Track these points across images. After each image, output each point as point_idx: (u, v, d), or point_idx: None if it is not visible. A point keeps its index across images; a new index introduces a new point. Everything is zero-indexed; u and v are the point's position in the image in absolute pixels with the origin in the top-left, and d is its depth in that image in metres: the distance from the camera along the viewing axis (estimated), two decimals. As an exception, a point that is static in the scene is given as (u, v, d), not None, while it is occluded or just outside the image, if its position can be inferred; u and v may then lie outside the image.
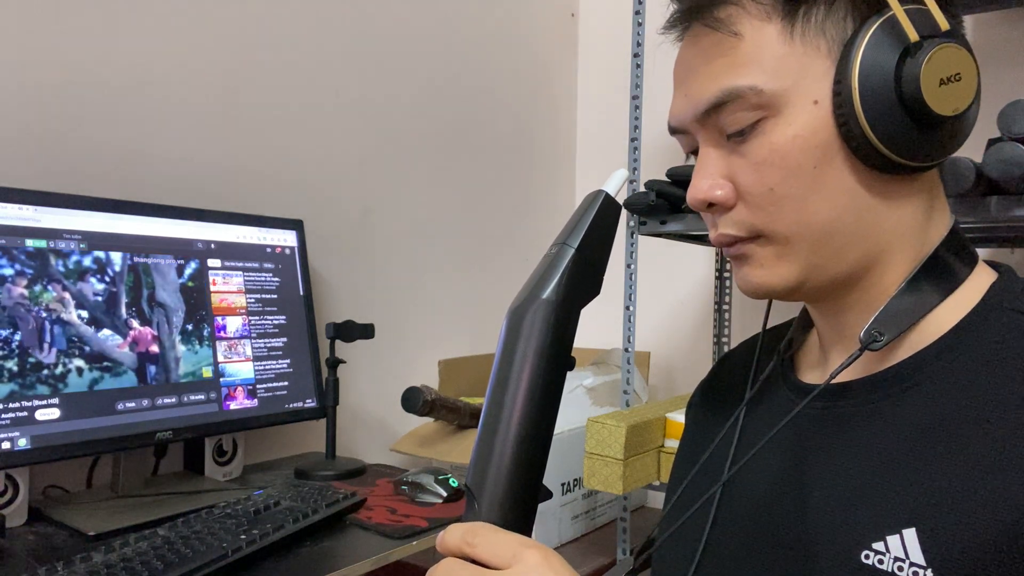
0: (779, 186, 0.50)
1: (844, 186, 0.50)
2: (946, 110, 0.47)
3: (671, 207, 1.39)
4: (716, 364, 0.73)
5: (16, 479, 0.94)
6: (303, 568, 0.84)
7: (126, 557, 0.76)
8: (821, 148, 0.49)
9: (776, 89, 0.49)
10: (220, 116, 1.28)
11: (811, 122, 0.49)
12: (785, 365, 0.61)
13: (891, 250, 0.51)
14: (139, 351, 1.02)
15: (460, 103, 1.76)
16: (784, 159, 0.49)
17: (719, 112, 0.51)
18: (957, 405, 0.46)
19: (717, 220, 0.54)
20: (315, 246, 1.38)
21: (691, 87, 0.53)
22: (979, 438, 0.44)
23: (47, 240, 0.96)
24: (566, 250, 0.48)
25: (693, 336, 1.85)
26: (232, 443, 1.19)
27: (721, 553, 0.55)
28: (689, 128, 0.54)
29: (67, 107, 1.09)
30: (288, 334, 1.23)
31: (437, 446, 1.38)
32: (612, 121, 2.01)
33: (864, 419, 0.50)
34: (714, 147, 0.53)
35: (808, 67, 0.49)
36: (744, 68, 0.50)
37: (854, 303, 0.53)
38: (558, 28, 2.06)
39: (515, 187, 1.93)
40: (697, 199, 0.53)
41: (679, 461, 0.70)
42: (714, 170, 0.53)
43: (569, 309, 0.47)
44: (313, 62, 1.42)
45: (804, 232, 0.50)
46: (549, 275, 0.47)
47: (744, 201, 0.52)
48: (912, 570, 0.43)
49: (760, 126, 0.50)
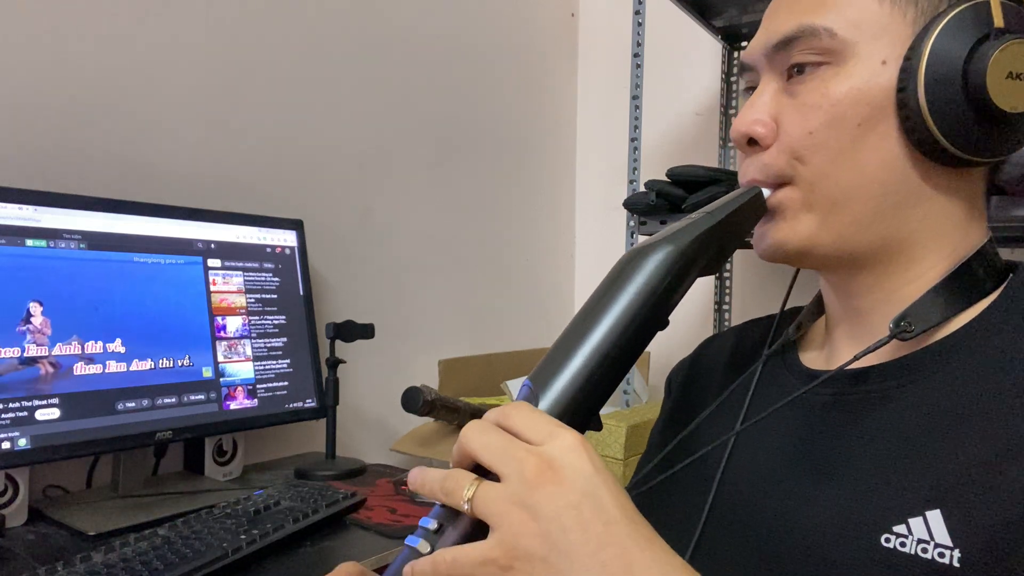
0: (818, 132, 0.50)
1: (882, 156, 0.49)
2: (1005, 104, 0.46)
3: (671, 207, 1.39)
4: (700, 346, 0.72)
5: (16, 479, 0.94)
6: (303, 568, 0.84)
7: (126, 557, 0.76)
8: (872, 108, 0.49)
9: (849, 39, 0.49)
10: (220, 116, 1.28)
11: (872, 80, 0.49)
12: (788, 349, 0.61)
13: (921, 244, 0.51)
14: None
15: (460, 103, 1.76)
16: (833, 106, 0.49)
17: (789, 48, 0.51)
18: (977, 391, 0.46)
19: (749, 164, 0.54)
20: (315, 246, 1.38)
21: (774, 21, 0.53)
22: (1001, 421, 0.44)
23: (47, 240, 0.96)
24: (707, 219, 0.48)
25: (693, 336, 1.85)
26: (232, 443, 1.19)
27: (719, 542, 0.54)
28: (757, 63, 0.54)
29: (67, 107, 1.09)
30: (288, 334, 1.23)
31: (437, 446, 1.38)
32: (612, 121, 2.01)
33: (880, 404, 0.50)
34: (772, 84, 0.53)
35: (889, 28, 0.49)
36: (828, 10, 0.50)
37: (872, 287, 0.53)
38: (558, 28, 2.06)
39: (515, 187, 1.93)
40: (739, 131, 0.53)
41: (660, 439, 0.68)
42: (763, 106, 0.53)
43: (689, 267, 0.47)
44: (313, 62, 1.42)
45: (828, 186, 0.50)
46: (684, 232, 0.47)
47: (779, 143, 0.52)
48: (938, 551, 0.42)
49: (821, 71, 0.50)
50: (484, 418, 0.42)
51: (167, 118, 1.21)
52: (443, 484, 0.40)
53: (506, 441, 0.40)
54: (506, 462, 0.39)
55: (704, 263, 0.48)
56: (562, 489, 0.38)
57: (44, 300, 0.94)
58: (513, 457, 0.39)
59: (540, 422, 0.40)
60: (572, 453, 0.39)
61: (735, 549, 0.52)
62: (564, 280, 2.12)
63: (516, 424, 0.41)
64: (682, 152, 1.85)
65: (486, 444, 0.40)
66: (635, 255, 0.47)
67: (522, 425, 0.40)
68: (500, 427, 0.41)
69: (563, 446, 0.39)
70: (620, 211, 1.52)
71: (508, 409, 0.42)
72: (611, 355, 0.44)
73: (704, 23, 1.68)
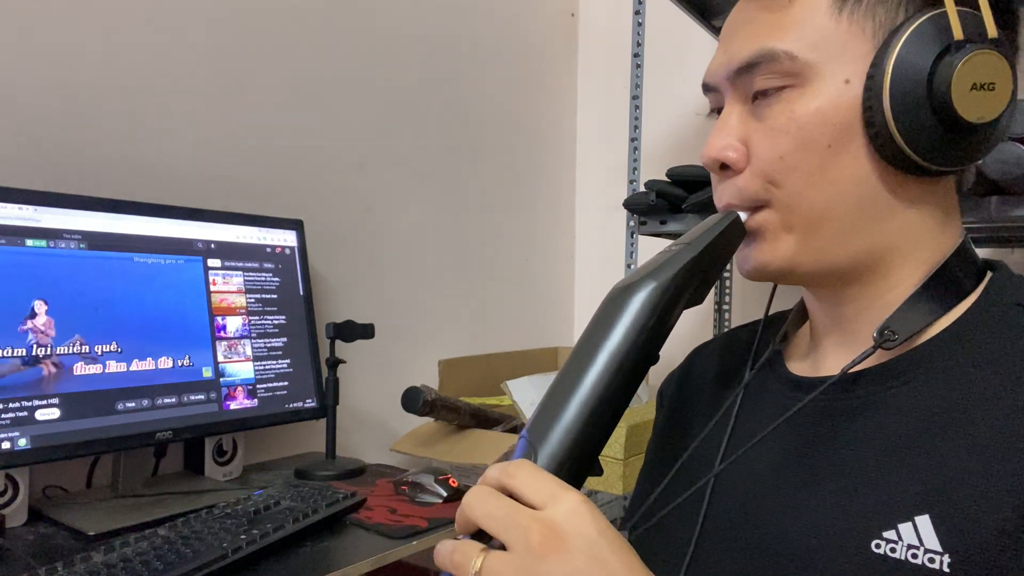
0: (789, 156, 0.50)
1: (855, 173, 0.49)
2: (971, 116, 0.46)
3: (671, 207, 1.39)
4: (689, 356, 0.72)
5: (16, 479, 0.94)
6: (303, 568, 0.84)
7: (126, 557, 0.76)
8: (840, 128, 0.49)
9: (810, 60, 0.49)
10: (220, 116, 1.28)
11: (837, 100, 0.49)
12: (775, 357, 0.61)
13: (899, 251, 0.51)
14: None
15: (460, 103, 1.76)
16: (801, 130, 0.49)
17: (751, 72, 0.51)
18: (963, 393, 0.46)
19: (724, 188, 0.54)
20: (315, 246, 1.38)
21: (732, 44, 0.53)
22: (987, 423, 0.44)
23: (47, 240, 0.96)
24: (687, 251, 0.49)
25: (693, 336, 1.85)
26: (232, 443, 1.19)
27: (712, 552, 0.54)
28: (720, 85, 0.54)
29: (67, 107, 1.09)
30: (288, 334, 1.23)
31: (437, 446, 1.38)
32: (612, 121, 2.01)
33: (868, 410, 0.50)
34: (738, 108, 0.53)
35: (848, 46, 0.49)
36: (786, 32, 0.50)
37: (856, 296, 0.53)
38: (558, 28, 2.06)
39: (515, 187, 1.93)
40: (710, 156, 0.53)
41: (657, 455, 0.68)
42: (731, 131, 0.53)
43: (674, 303, 0.47)
44: (313, 62, 1.42)
45: (804, 208, 0.50)
46: (666, 267, 0.48)
47: (752, 167, 0.52)
48: (928, 556, 0.42)
49: (786, 93, 0.50)
50: (485, 478, 0.43)
51: (167, 118, 1.21)
52: (452, 557, 0.41)
53: (509, 509, 0.40)
54: (511, 531, 0.39)
55: (689, 295, 0.49)
56: (568, 556, 0.38)
57: (45, 300, 0.94)
58: (518, 526, 0.39)
59: (542, 484, 0.41)
60: (576, 517, 0.39)
61: (729, 560, 0.52)
62: (564, 280, 2.12)
63: (518, 487, 0.41)
64: (682, 152, 1.86)
65: (490, 513, 0.40)
66: (619, 295, 0.48)
67: (524, 487, 0.41)
68: (502, 490, 0.42)
69: (566, 510, 0.39)
70: (620, 211, 1.52)
71: (510, 469, 0.42)
72: (604, 401, 0.45)
73: (704, 23, 1.68)
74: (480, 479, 0.43)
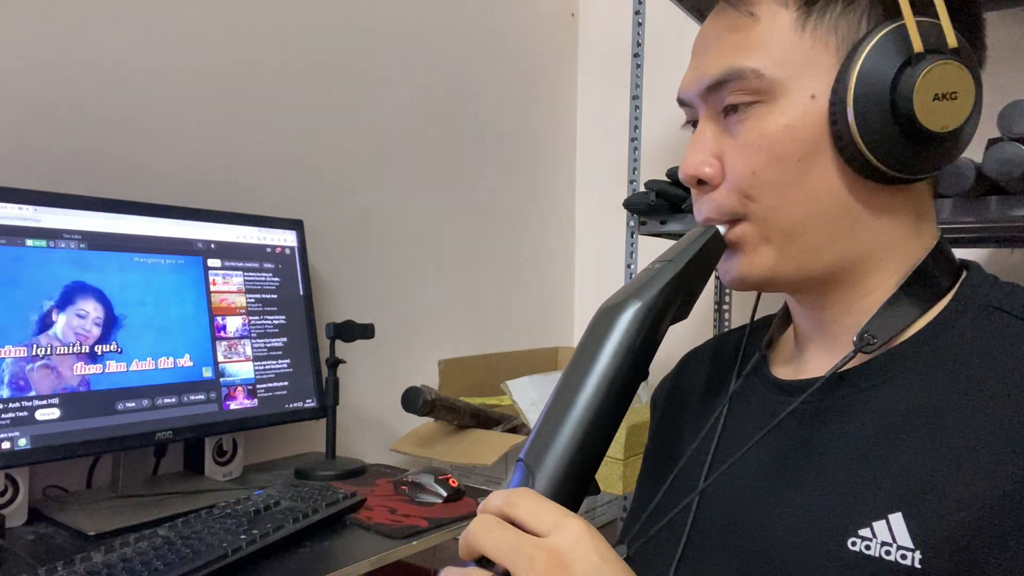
0: (761, 171, 0.51)
1: (826, 186, 0.50)
2: (935, 125, 0.47)
3: (671, 207, 1.39)
4: (680, 362, 0.74)
5: (16, 479, 0.94)
6: (303, 568, 0.84)
7: (126, 557, 0.76)
8: (809, 143, 0.50)
9: (777, 77, 0.50)
10: (220, 116, 1.28)
11: (804, 115, 0.50)
12: (761, 362, 0.62)
13: (876, 258, 0.52)
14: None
15: (460, 103, 1.76)
16: (772, 146, 0.50)
17: (721, 89, 0.52)
18: (934, 393, 0.47)
19: (703, 203, 0.55)
20: (315, 246, 1.38)
21: (702, 61, 0.54)
22: (959, 420, 0.45)
23: (47, 240, 0.96)
24: (670, 268, 0.50)
25: (693, 336, 1.85)
26: (232, 443, 1.19)
27: (701, 555, 0.56)
28: (693, 101, 0.56)
29: (67, 107, 1.09)
30: (288, 334, 1.23)
31: (437, 446, 1.38)
32: (612, 121, 2.01)
33: (847, 410, 0.51)
34: (711, 124, 0.54)
35: (813, 61, 0.50)
36: (752, 50, 0.51)
37: (836, 301, 0.54)
38: (558, 28, 2.06)
39: (515, 187, 1.93)
40: (687, 173, 0.55)
41: (652, 462, 0.70)
42: (706, 146, 0.54)
43: (660, 320, 0.49)
44: (313, 62, 1.42)
45: (780, 220, 0.52)
46: (650, 285, 0.49)
47: (727, 183, 0.53)
48: (900, 553, 0.43)
49: (755, 109, 0.51)
50: (488, 505, 0.44)
51: (167, 118, 1.21)
52: None
53: (514, 538, 0.41)
54: (518, 561, 0.40)
55: (674, 310, 0.50)
56: None
57: (45, 300, 0.94)
58: (524, 555, 0.40)
59: (544, 512, 0.42)
60: (579, 544, 0.41)
61: (717, 561, 0.54)
62: (564, 280, 2.12)
63: (521, 515, 0.42)
64: (682, 152, 1.85)
65: (495, 544, 0.41)
66: (605, 315, 0.49)
67: (527, 516, 0.42)
68: (505, 518, 0.43)
69: (570, 537, 0.41)
70: (620, 211, 1.52)
71: (512, 499, 0.43)
72: (596, 424, 0.46)
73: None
74: (481, 506, 0.44)
